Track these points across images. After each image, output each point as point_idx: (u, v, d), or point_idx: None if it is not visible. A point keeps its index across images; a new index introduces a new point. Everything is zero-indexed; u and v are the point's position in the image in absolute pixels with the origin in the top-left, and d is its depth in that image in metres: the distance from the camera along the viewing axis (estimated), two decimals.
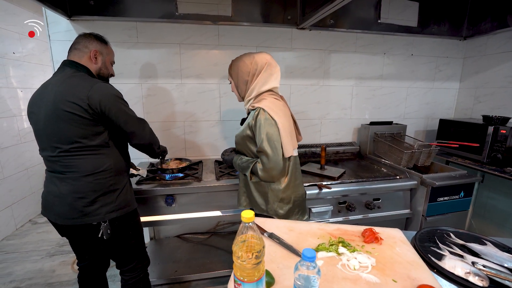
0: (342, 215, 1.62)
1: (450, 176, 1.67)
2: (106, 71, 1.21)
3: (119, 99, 1.08)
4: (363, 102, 2.28)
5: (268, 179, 1.15)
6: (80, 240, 1.22)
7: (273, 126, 1.10)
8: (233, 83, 1.26)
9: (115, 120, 1.05)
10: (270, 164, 1.10)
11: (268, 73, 1.17)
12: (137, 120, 1.14)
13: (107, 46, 1.21)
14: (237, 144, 1.29)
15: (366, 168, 1.95)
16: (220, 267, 1.78)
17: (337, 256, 0.83)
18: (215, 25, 1.86)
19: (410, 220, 1.76)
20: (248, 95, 1.20)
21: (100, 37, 1.18)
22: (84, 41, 1.13)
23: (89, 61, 1.13)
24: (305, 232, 0.97)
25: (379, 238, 0.92)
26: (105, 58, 1.19)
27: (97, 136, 1.05)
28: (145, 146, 1.20)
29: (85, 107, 0.99)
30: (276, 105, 1.15)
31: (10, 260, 2.07)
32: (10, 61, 2.47)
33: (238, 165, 1.25)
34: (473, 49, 2.30)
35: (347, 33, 2.08)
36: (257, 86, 1.17)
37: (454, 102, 2.49)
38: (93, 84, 1.02)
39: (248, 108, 1.22)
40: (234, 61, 1.23)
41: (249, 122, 1.15)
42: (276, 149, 1.11)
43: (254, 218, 0.57)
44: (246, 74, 1.17)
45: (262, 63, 1.16)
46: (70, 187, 1.04)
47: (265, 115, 1.10)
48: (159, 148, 1.29)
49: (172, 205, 1.50)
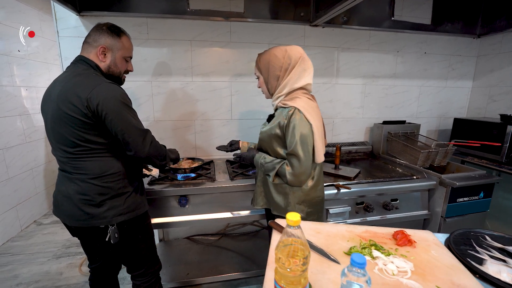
0: (359, 216, 1.58)
1: (469, 176, 1.63)
2: (116, 69, 1.08)
3: (121, 104, 0.95)
4: (376, 101, 2.23)
5: (295, 184, 1.09)
6: (89, 242, 1.18)
7: (307, 129, 1.03)
8: (261, 78, 1.17)
9: (110, 127, 0.94)
10: (301, 168, 1.05)
11: (302, 68, 1.08)
12: (137, 131, 0.99)
13: (120, 40, 1.06)
14: (261, 141, 1.22)
15: (380, 168, 1.91)
16: (232, 270, 1.73)
17: (372, 260, 0.78)
18: (227, 21, 1.82)
19: (427, 221, 1.71)
20: (279, 92, 1.12)
21: (114, 29, 1.06)
22: (95, 34, 1.03)
23: (96, 57, 1.03)
24: (333, 234, 0.93)
25: (412, 241, 0.87)
26: (116, 54, 1.06)
27: (102, 139, 0.98)
28: (143, 160, 1.05)
29: (85, 110, 0.90)
30: (311, 106, 1.07)
31: (16, 262, 2.02)
32: (15, 59, 2.43)
33: (261, 165, 1.18)
34: (487, 47, 2.26)
35: (360, 30, 2.04)
36: (290, 82, 1.08)
37: (467, 101, 2.45)
38: (96, 84, 0.93)
39: (278, 105, 1.15)
40: (262, 55, 1.14)
41: (280, 121, 1.08)
42: (309, 153, 1.05)
43: (300, 221, 0.53)
44: (278, 68, 1.09)
45: (296, 57, 1.07)
46: (77, 188, 0.99)
47: (300, 116, 1.03)
48: (164, 160, 1.14)
49: (185, 206, 1.46)
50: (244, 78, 1.94)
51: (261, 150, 1.25)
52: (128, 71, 1.18)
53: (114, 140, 1.00)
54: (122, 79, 1.15)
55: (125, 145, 0.99)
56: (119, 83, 1.13)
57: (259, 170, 1.25)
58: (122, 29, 1.09)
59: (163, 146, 1.16)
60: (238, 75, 1.93)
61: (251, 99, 1.98)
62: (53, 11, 1.64)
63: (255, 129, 2.04)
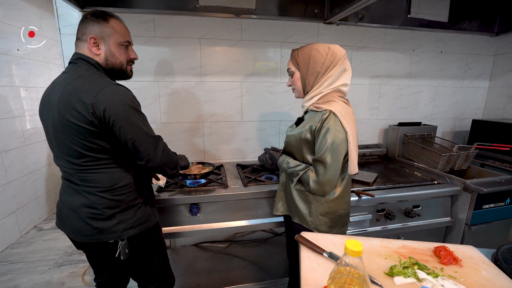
0: (380, 224, 1.49)
1: (495, 181, 1.54)
2: (115, 60, 0.95)
3: (130, 109, 0.85)
4: (390, 102, 2.15)
5: (318, 193, 1.01)
6: (97, 257, 1.08)
7: (341, 137, 0.95)
8: (297, 73, 1.07)
9: (119, 135, 0.85)
10: (327, 176, 0.96)
11: (343, 67, 1.01)
12: (148, 138, 0.90)
13: (109, 25, 0.91)
14: (288, 145, 1.13)
15: (397, 172, 1.82)
16: (244, 280, 1.64)
17: (418, 282, 0.70)
18: (238, 18, 1.73)
19: (450, 229, 1.63)
20: (315, 89, 1.04)
21: (98, 14, 0.91)
22: (82, 26, 0.91)
23: (90, 51, 0.91)
24: (368, 250, 0.84)
25: (458, 259, 0.79)
26: (110, 41, 0.92)
27: (110, 150, 0.88)
28: (154, 169, 0.96)
29: (90, 117, 0.80)
30: (347, 111, 0.99)
31: (15, 271, 1.92)
32: (14, 59, 2.33)
33: (284, 169, 1.11)
34: (506, 45, 2.17)
35: (376, 28, 1.95)
36: (329, 79, 1.01)
37: (483, 101, 2.37)
38: (101, 88, 0.82)
39: (309, 108, 1.06)
40: (302, 49, 1.05)
41: (312, 124, 1.00)
42: (338, 162, 0.96)
43: (362, 253, 0.44)
44: (320, 65, 1.00)
45: (340, 54, 1.01)
46: (85, 201, 0.90)
47: (335, 121, 0.95)
48: (175, 169, 1.03)
49: (197, 215, 1.37)
50: (255, 78, 1.85)
51: (287, 154, 1.16)
52: (132, 59, 1.03)
53: (124, 149, 0.90)
54: (127, 71, 1.02)
55: (135, 153, 0.90)
56: (125, 76, 1.03)
57: (282, 174, 1.18)
58: (109, 12, 0.94)
59: (174, 153, 1.06)
60: (250, 75, 1.84)
61: (263, 100, 1.89)
62: (54, 7, 1.55)
63: (267, 131, 1.95)
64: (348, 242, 0.44)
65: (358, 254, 0.43)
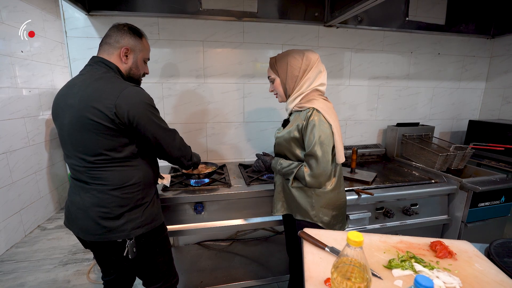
0: (379, 222, 1.54)
1: (490, 180, 1.59)
2: (137, 72, 1.06)
3: (150, 108, 0.94)
4: (389, 102, 2.19)
5: (315, 185, 1.07)
6: (104, 256, 1.12)
7: (327, 130, 1.03)
8: (278, 80, 1.16)
9: (143, 132, 0.93)
10: (319, 169, 1.03)
11: (318, 69, 1.11)
12: (167, 132, 1.01)
13: (142, 41, 1.05)
14: (278, 146, 1.20)
15: (395, 171, 1.87)
16: (247, 277, 1.68)
17: (415, 274, 0.74)
18: (240, 21, 1.77)
19: (447, 227, 1.67)
20: (296, 92, 1.12)
21: (135, 29, 1.03)
22: (116, 35, 0.99)
23: (118, 59, 1.00)
24: (367, 245, 0.88)
25: (452, 253, 0.83)
26: (138, 56, 1.04)
27: (125, 148, 0.93)
28: (173, 160, 1.09)
29: (112, 116, 0.86)
30: (328, 107, 1.07)
31: (21, 269, 1.95)
32: (17, 60, 2.36)
33: (279, 171, 1.17)
34: (502, 48, 2.23)
35: (374, 31, 2.00)
36: (308, 81, 1.09)
37: (479, 102, 2.42)
38: (122, 89, 0.89)
39: (293, 109, 1.14)
40: (279, 57, 1.14)
41: (299, 123, 1.08)
42: (328, 153, 1.03)
43: (363, 243, 0.48)
44: (297, 69, 1.09)
45: (314, 58, 1.10)
46: (94, 200, 0.93)
47: (319, 117, 1.02)
48: (190, 160, 1.16)
49: (202, 213, 1.40)
50: (257, 80, 1.89)
51: (279, 155, 1.23)
52: (145, 73, 1.14)
53: (139, 146, 0.97)
54: (140, 82, 1.12)
55: (156, 147, 1.00)
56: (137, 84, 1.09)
57: (277, 176, 1.24)
58: (141, 30, 1.07)
59: (189, 146, 1.16)
60: (251, 77, 1.88)
61: (264, 101, 1.93)
62: (61, 10, 1.59)
63: (268, 132, 1.99)
64: (350, 233, 0.48)
65: (359, 244, 0.47)
